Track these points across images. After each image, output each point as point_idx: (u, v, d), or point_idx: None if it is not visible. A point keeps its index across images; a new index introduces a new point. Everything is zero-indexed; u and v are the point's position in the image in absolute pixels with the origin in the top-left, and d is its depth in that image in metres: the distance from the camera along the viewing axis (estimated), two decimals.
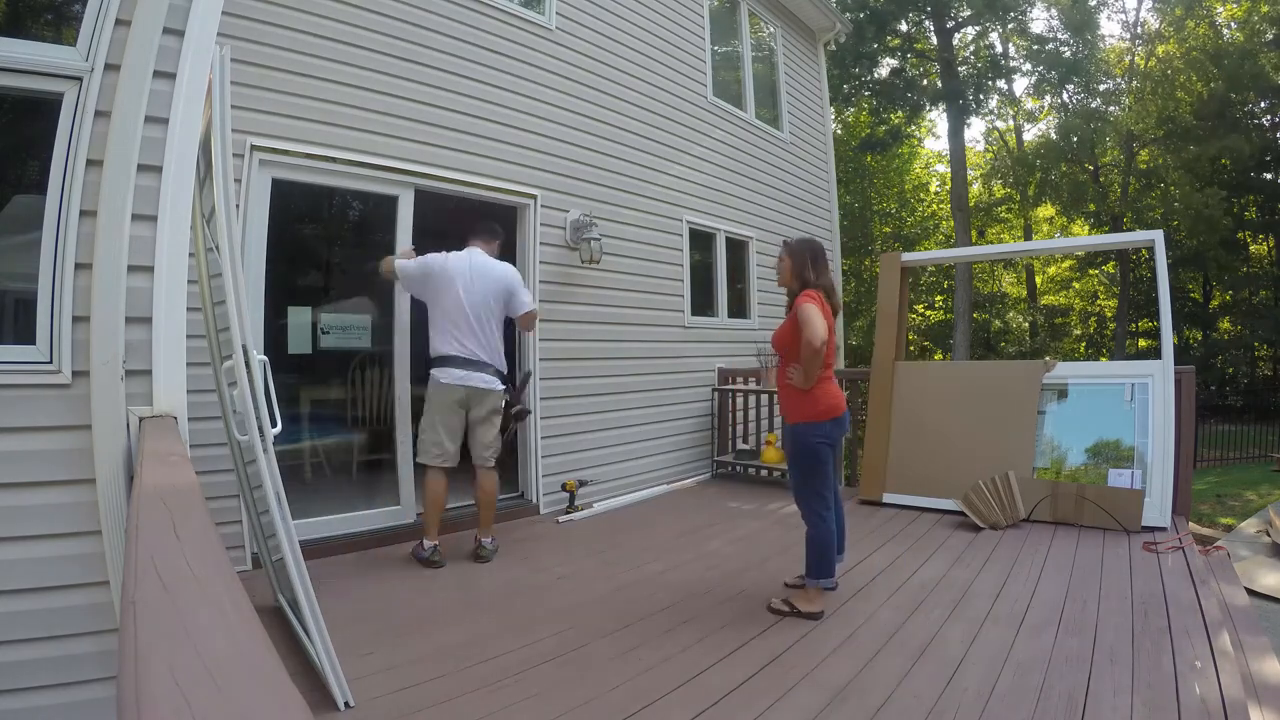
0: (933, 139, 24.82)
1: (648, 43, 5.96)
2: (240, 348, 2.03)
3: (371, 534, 3.94)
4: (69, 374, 1.86)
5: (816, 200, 8.66)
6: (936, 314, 21.87)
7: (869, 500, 4.86)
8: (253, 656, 0.74)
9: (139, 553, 0.99)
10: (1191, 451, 4.35)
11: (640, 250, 5.71)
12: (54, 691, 1.84)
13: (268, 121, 3.54)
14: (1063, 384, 4.48)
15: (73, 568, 1.86)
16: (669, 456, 5.87)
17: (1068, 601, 2.95)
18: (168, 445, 1.71)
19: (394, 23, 4.07)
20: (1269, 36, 16.79)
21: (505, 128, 4.67)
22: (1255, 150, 17.02)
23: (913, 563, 3.56)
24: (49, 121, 1.87)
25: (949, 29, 18.08)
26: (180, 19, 1.98)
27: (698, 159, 6.44)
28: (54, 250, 1.85)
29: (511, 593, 3.22)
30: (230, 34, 3.24)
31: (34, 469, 1.84)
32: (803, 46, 8.59)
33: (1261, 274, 19.22)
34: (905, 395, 4.94)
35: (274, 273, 3.65)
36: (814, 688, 2.24)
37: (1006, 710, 2.07)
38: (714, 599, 3.09)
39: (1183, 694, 2.12)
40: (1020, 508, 4.20)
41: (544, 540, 4.16)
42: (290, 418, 3.66)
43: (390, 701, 2.17)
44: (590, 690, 2.24)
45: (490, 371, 3.62)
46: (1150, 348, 19.97)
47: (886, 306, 5.22)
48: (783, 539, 4.08)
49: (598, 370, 5.23)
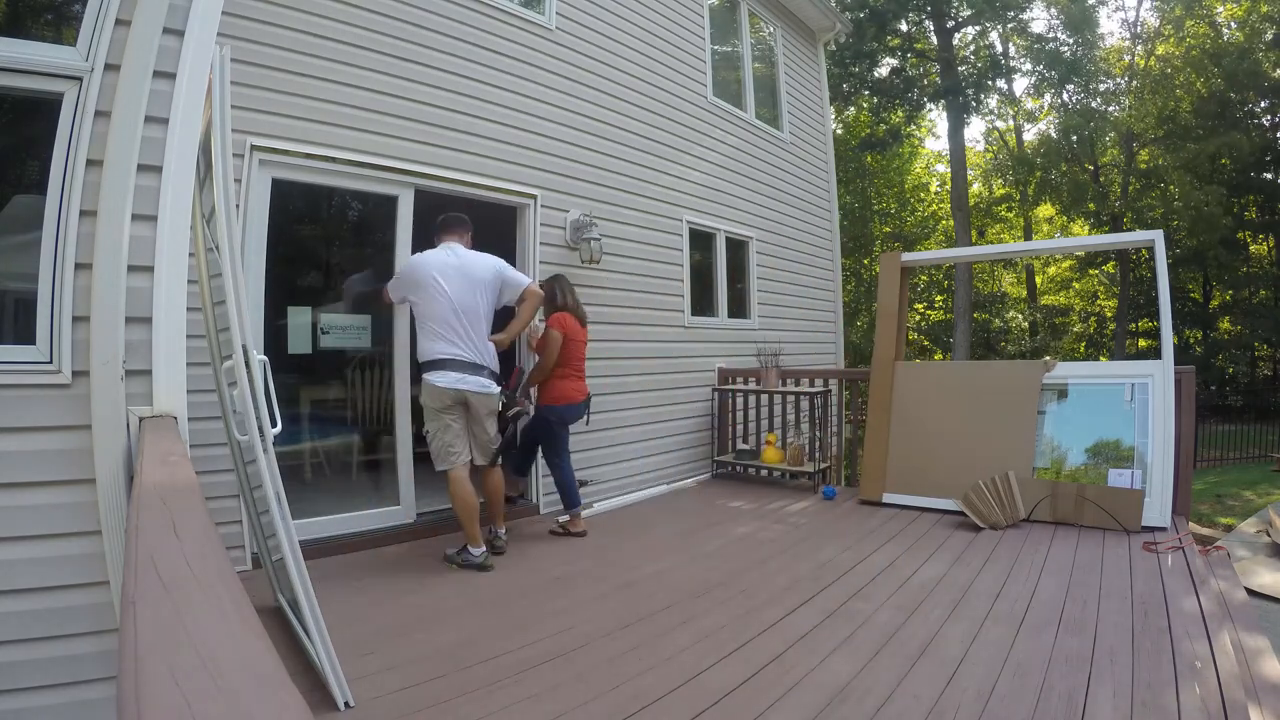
0: (933, 139, 24.85)
1: (648, 43, 5.96)
2: (240, 348, 2.03)
3: (371, 534, 3.94)
4: (69, 374, 1.86)
5: (816, 200, 8.66)
6: (936, 314, 21.88)
7: (869, 500, 4.86)
8: (253, 656, 0.74)
9: (139, 552, 0.99)
10: (1191, 451, 4.35)
11: (640, 250, 5.71)
12: (54, 691, 1.84)
13: (268, 121, 3.54)
14: (1063, 384, 4.48)
15: (73, 568, 1.86)
16: (669, 456, 5.87)
17: (1068, 601, 2.95)
18: (168, 445, 1.71)
19: (394, 23, 4.07)
20: (1269, 36, 16.79)
21: (505, 128, 4.67)
22: (1255, 149, 17.03)
23: (913, 563, 3.56)
24: (49, 121, 1.87)
25: (949, 28, 18.08)
26: (180, 19, 1.98)
27: (698, 159, 6.44)
28: (54, 250, 1.85)
29: (511, 593, 3.23)
30: (230, 34, 3.24)
31: (34, 469, 1.84)
32: (803, 46, 8.59)
33: (1261, 274, 19.21)
34: (905, 395, 4.93)
35: (274, 273, 3.65)
36: (814, 688, 2.24)
37: (1006, 710, 2.07)
38: (714, 599, 3.09)
39: (1183, 694, 2.13)
40: (1020, 508, 4.20)
41: (544, 540, 4.16)
42: (290, 418, 3.67)
43: (390, 701, 2.17)
44: (590, 690, 2.24)
45: (485, 374, 3.56)
46: (1150, 348, 19.99)
47: (886, 306, 5.22)
48: (783, 538, 4.08)
49: (598, 370, 5.22)
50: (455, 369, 3.47)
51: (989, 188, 22.90)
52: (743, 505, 5.06)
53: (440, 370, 3.47)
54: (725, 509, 4.97)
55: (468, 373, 3.49)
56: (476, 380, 3.51)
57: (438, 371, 3.47)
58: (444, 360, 3.47)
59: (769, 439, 5.82)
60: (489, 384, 3.57)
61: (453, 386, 3.47)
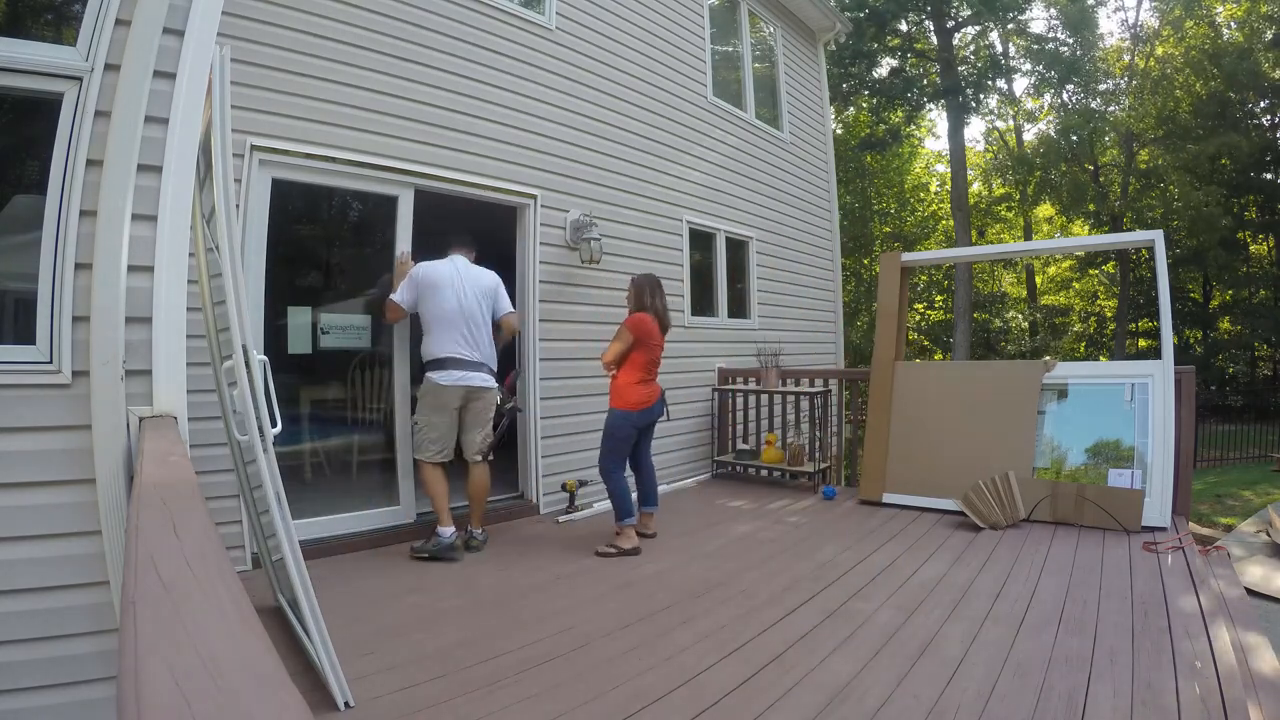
0: (933, 139, 24.85)
1: (648, 43, 5.96)
2: (240, 348, 2.03)
3: (371, 534, 3.94)
4: (69, 374, 1.86)
5: (816, 200, 8.66)
6: (936, 314, 21.88)
7: (869, 500, 4.86)
8: (253, 656, 0.74)
9: (139, 553, 0.99)
10: (1191, 451, 4.36)
11: (640, 250, 5.71)
12: (54, 691, 1.84)
13: (268, 121, 3.54)
14: (1063, 384, 4.48)
15: (73, 568, 1.86)
16: (669, 456, 5.87)
17: (1068, 601, 2.95)
18: (168, 445, 1.71)
19: (394, 23, 4.07)
20: (1268, 36, 16.80)
21: (505, 128, 4.67)
22: (1255, 150, 17.03)
23: (913, 563, 3.56)
24: (49, 121, 1.87)
25: (949, 29, 18.08)
26: (180, 19, 1.98)
27: (698, 159, 6.44)
28: (54, 250, 1.85)
29: (511, 593, 3.22)
30: (230, 34, 3.24)
31: (34, 469, 1.84)
32: (802, 46, 8.59)
33: (1261, 274, 19.21)
34: (905, 395, 4.93)
35: (274, 273, 3.65)
36: (814, 688, 2.24)
37: (1006, 710, 2.07)
38: (714, 599, 3.09)
39: (1182, 694, 2.13)
40: (1020, 508, 4.20)
41: (544, 540, 4.16)
42: (290, 418, 3.67)
43: (390, 701, 2.17)
44: (590, 690, 2.24)
45: (486, 371, 3.82)
46: (1150, 348, 19.99)
47: (886, 306, 5.22)
48: (783, 538, 4.08)
49: (598, 370, 5.22)
50: (459, 367, 3.71)
51: (989, 188, 22.90)
52: (743, 505, 5.06)
53: (444, 369, 3.70)
54: (725, 509, 4.97)
55: (470, 370, 3.74)
56: (479, 375, 3.77)
57: (442, 370, 3.70)
58: (449, 359, 3.70)
59: (769, 439, 5.82)
60: (490, 379, 3.85)
61: (457, 384, 3.70)
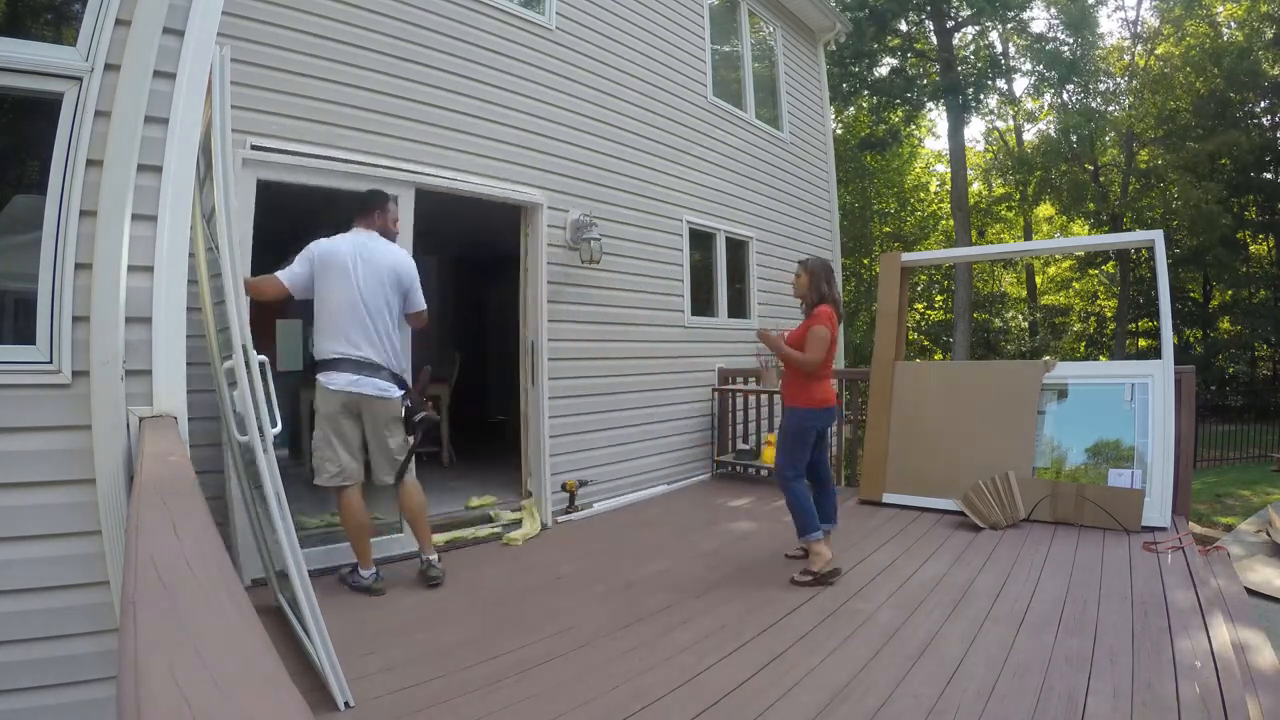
0: (932, 139, 24.81)
1: (648, 43, 5.95)
2: (240, 348, 2.03)
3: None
4: (69, 374, 1.86)
5: (816, 200, 8.66)
6: (936, 314, 21.87)
7: (869, 500, 4.86)
8: (253, 656, 0.74)
9: (139, 553, 0.99)
10: (1191, 451, 4.36)
11: (640, 250, 5.70)
12: (54, 691, 1.84)
13: (268, 121, 3.54)
14: (1063, 384, 4.48)
15: (73, 568, 1.86)
16: (669, 456, 5.87)
17: (1068, 601, 2.95)
18: (168, 445, 1.71)
19: (394, 23, 4.07)
20: (1268, 35, 16.79)
21: (505, 128, 4.66)
22: (1255, 149, 17.02)
23: (913, 563, 3.56)
24: (49, 121, 1.87)
25: (949, 28, 18.07)
26: (180, 19, 1.98)
27: (698, 159, 6.44)
28: (54, 250, 1.85)
29: (511, 593, 3.22)
30: (230, 34, 3.23)
31: (34, 469, 1.85)
32: (802, 46, 8.59)
33: (1261, 274, 19.19)
34: (905, 395, 4.93)
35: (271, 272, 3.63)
36: (814, 688, 2.24)
37: (1006, 710, 2.07)
38: (714, 599, 3.09)
39: (1183, 694, 2.13)
40: (1020, 508, 4.20)
41: (544, 540, 4.15)
42: (290, 418, 3.64)
43: (390, 701, 2.17)
44: (590, 690, 2.24)
45: (385, 376, 3.11)
46: (1150, 348, 19.96)
47: (886, 306, 5.22)
48: (783, 538, 4.08)
49: (598, 370, 5.23)
50: (350, 369, 3.05)
51: (989, 187, 22.89)
52: (743, 505, 5.06)
53: (332, 371, 3.06)
54: (725, 509, 4.97)
55: (363, 374, 3.06)
56: (373, 382, 3.08)
57: (329, 372, 3.07)
58: (339, 359, 3.06)
59: (769, 439, 5.81)
60: (388, 386, 3.13)
61: (344, 390, 3.05)
